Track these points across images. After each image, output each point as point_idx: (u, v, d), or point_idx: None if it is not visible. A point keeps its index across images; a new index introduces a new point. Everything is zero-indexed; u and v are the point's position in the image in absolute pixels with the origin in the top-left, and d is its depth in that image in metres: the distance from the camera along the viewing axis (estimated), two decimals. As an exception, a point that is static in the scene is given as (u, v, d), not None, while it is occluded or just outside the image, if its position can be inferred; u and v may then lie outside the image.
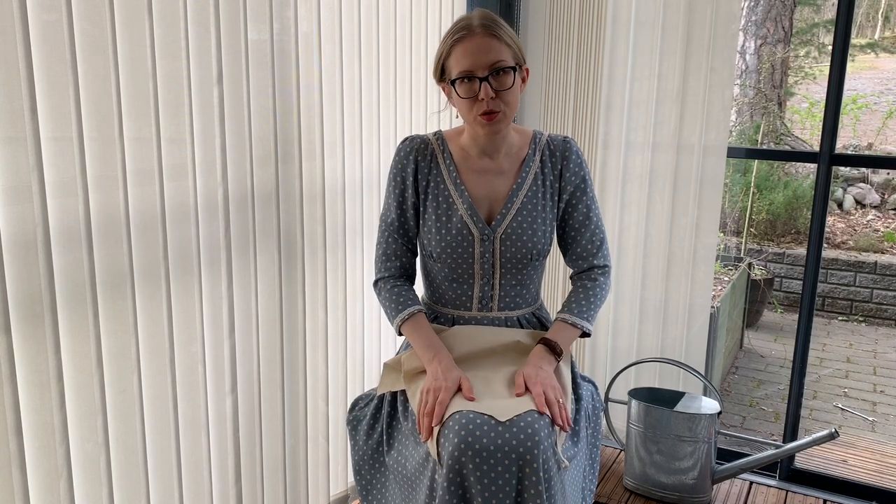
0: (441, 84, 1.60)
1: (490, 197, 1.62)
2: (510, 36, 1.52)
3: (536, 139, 1.66)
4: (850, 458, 2.55)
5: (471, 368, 1.56)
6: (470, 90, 1.50)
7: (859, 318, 5.46)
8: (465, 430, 1.34)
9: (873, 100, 7.65)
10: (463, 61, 1.49)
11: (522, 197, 1.61)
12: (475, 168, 1.63)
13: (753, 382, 4.34)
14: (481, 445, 1.33)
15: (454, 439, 1.34)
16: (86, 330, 1.34)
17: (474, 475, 1.32)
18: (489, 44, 1.48)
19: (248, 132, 1.62)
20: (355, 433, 1.68)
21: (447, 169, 1.62)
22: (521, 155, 1.64)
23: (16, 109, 1.18)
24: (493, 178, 1.62)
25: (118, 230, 1.37)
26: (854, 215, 6.48)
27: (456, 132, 1.68)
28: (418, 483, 1.46)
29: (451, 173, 1.62)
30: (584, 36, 2.35)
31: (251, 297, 1.69)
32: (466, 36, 1.49)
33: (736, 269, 4.70)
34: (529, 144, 1.65)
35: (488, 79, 1.48)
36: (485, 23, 1.50)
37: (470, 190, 1.61)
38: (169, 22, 1.42)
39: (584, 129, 2.39)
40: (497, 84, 1.49)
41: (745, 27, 6.56)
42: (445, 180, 1.62)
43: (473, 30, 1.49)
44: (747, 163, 6.08)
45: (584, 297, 1.65)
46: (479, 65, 1.48)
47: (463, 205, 1.59)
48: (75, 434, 1.34)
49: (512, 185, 1.62)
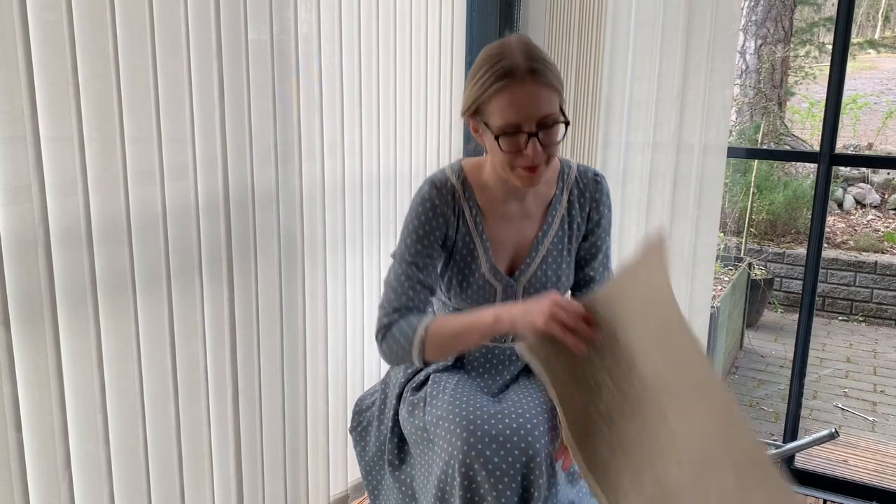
0: (470, 119, 1.41)
1: (515, 244, 1.51)
2: (556, 76, 1.33)
3: (564, 175, 1.53)
4: (850, 458, 2.55)
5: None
6: (515, 145, 1.32)
7: (859, 318, 5.46)
8: (467, 446, 1.35)
9: (873, 100, 7.65)
10: (509, 113, 1.30)
11: (548, 244, 1.51)
12: (501, 214, 1.50)
13: (753, 382, 4.34)
14: (487, 459, 1.34)
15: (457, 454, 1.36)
16: (86, 330, 1.34)
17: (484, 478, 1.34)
18: (539, 94, 1.30)
19: (249, 132, 1.62)
20: (363, 438, 1.65)
21: (473, 220, 1.48)
22: (548, 195, 1.51)
23: (16, 109, 1.18)
24: (519, 224, 1.51)
25: (119, 230, 1.37)
26: (854, 215, 6.48)
27: (477, 165, 1.52)
28: (426, 491, 1.46)
29: (478, 225, 1.48)
30: (584, 36, 2.35)
31: (251, 297, 1.69)
32: (513, 84, 1.29)
33: (736, 269, 4.70)
34: (557, 182, 1.53)
35: (537, 134, 1.31)
36: (533, 66, 1.29)
37: (494, 239, 1.49)
38: (169, 22, 1.42)
39: (584, 129, 2.39)
40: (545, 138, 1.33)
41: (745, 27, 6.56)
42: (471, 232, 1.48)
43: (521, 76, 1.29)
44: (747, 163, 6.08)
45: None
46: (527, 118, 1.30)
47: (486, 262, 1.48)
48: (75, 434, 1.34)
49: (538, 230, 1.51)
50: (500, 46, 1.34)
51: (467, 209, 1.47)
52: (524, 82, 1.30)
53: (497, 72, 1.30)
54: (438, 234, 1.46)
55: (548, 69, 1.32)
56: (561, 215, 1.52)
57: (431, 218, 1.46)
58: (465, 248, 1.48)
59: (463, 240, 1.48)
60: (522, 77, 1.29)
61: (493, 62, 1.32)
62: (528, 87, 1.30)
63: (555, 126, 1.34)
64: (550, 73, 1.32)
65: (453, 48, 2.32)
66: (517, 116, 1.31)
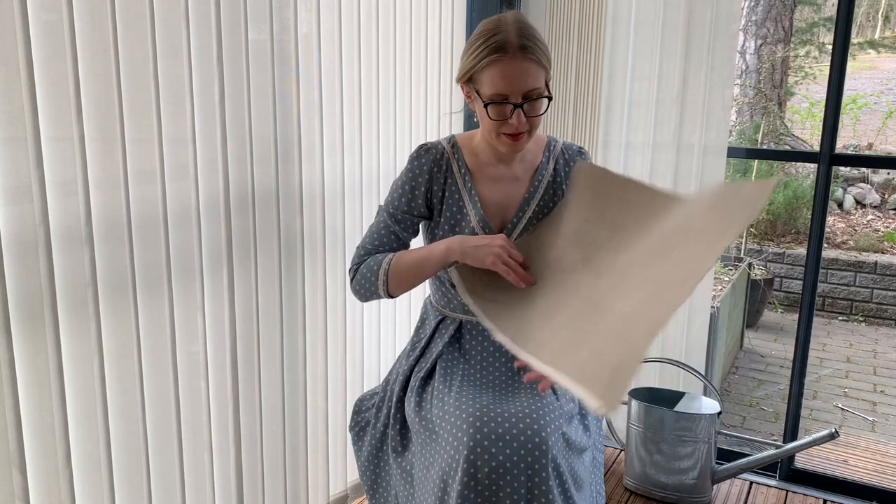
0: (464, 86, 1.53)
1: (504, 204, 1.60)
2: (543, 52, 1.45)
3: (551, 146, 1.64)
4: (850, 458, 2.55)
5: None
6: (501, 113, 1.46)
7: (859, 318, 5.46)
8: (473, 442, 1.36)
9: (873, 100, 7.65)
10: (498, 84, 1.43)
11: (535, 205, 1.60)
12: (490, 176, 1.60)
13: (753, 382, 4.34)
14: (491, 457, 1.35)
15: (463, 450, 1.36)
16: (87, 330, 1.34)
17: (486, 474, 1.34)
18: (527, 69, 1.42)
19: (249, 132, 1.62)
20: (360, 438, 1.68)
21: (462, 178, 1.59)
22: (535, 162, 1.62)
23: (16, 109, 1.18)
24: (508, 185, 1.60)
25: (119, 230, 1.37)
26: (854, 215, 6.48)
27: (469, 136, 1.64)
28: (426, 480, 1.47)
29: (466, 182, 1.59)
30: (584, 36, 2.35)
31: (252, 297, 1.69)
32: (504, 57, 1.41)
33: (736, 269, 4.70)
34: (543, 152, 1.63)
35: (522, 105, 1.44)
36: (524, 44, 1.41)
37: (483, 198, 1.59)
38: (170, 22, 1.42)
39: (584, 129, 2.40)
40: (530, 110, 1.46)
41: (745, 27, 6.56)
42: (460, 189, 1.59)
43: (512, 51, 1.41)
44: (747, 163, 6.08)
45: None
46: (514, 91, 1.43)
47: (475, 216, 1.57)
48: (76, 434, 1.34)
49: (525, 192, 1.60)
50: (496, 21, 1.46)
51: (456, 168, 1.59)
52: (515, 58, 1.42)
53: (490, 45, 1.42)
54: (423, 191, 1.59)
55: (538, 47, 1.44)
56: (547, 181, 1.62)
57: (417, 175, 1.59)
58: (455, 204, 1.59)
59: (452, 197, 1.59)
60: (514, 52, 1.41)
61: (487, 35, 1.44)
62: (517, 62, 1.42)
63: (539, 99, 1.47)
64: (539, 51, 1.44)
65: (453, 49, 2.32)
66: (506, 88, 1.43)
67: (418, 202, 1.60)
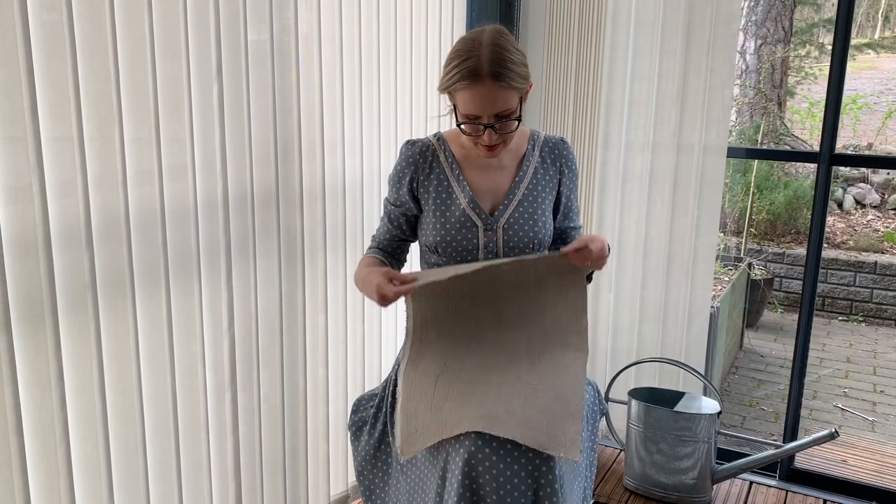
0: (446, 95, 1.58)
1: (493, 190, 1.63)
2: (518, 75, 1.48)
3: (534, 137, 1.69)
4: (850, 458, 2.55)
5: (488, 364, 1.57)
6: (474, 129, 1.52)
7: (859, 318, 5.46)
8: (474, 446, 1.36)
9: (873, 100, 7.65)
10: (470, 106, 1.49)
11: (524, 189, 1.63)
12: (477, 164, 1.64)
13: (753, 382, 4.34)
14: (492, 463, 1.35)
15: (463, 454, 1.36)
16: (86, 330, 1.34)
17: (487, 482, 1.34)
18: (496, 94, 1.46)
19: (248, 132, 1.62)
20: (357, 438, 1.68)
21: (449, 166, 1.63)
22: (520, 151, 1.67)
23: (16, 109, 1.18)
24: (495, 173, 1.64)
25: (118, 230, 1.37)
26: (854, 215, 6.48)
27: (455, 133, 1.67)
28: (427, 480, 1.47)
29: (454, 170, 1.63)
30: (584, 36, 2.35)
31: (251, 298, 1.69)
32: (475, 84, 1.46)
33: (736, 269, 4.70)
34: (528, 141, 1.68)
35: (494, 126, 1.50)
36: (494, 70, 1.44)
37: (472, 183, 1.63)
38: (169, 22, 1.42)
39: (583, 129, 2.39)
40: (501, 128, 1.52)
41: (745, 27, 6.56)
42: (448, 177, 1.63)
43: (482, 77, 1.45)
44: (747, 163, 6.08)
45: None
46: (485, 113, 1.48)
47: (465, 198, 1.61)
48: (76, 434, 1.34)
49: (513, 178, 1.64)
50: (471, 42, 1.49)
51: (443, 158, 1.64)
52: (485, 85, 1.46)
53: (462, 71, 1.46)
54: (408, 181, 1.63)
55: (510, 71, 1.46)
56: (534, 167, 1.67)
57: (404, 167, 1.64)
58: (445, 191, 1.62)
59: (441, 184, 1.63)
60: (484, 80, 1.45)
61: (461, 59, 1.47)
62: (488, 89, 1.46)
63: (511, 117, 1.52)
64: (511, 75, 1.47)
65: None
66: (476, 111, 1.49)
67: (402, 192, 1.64)
